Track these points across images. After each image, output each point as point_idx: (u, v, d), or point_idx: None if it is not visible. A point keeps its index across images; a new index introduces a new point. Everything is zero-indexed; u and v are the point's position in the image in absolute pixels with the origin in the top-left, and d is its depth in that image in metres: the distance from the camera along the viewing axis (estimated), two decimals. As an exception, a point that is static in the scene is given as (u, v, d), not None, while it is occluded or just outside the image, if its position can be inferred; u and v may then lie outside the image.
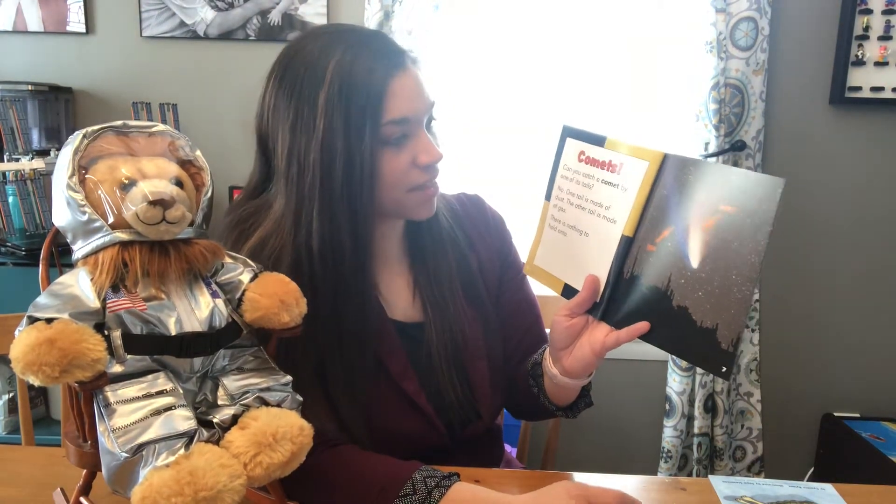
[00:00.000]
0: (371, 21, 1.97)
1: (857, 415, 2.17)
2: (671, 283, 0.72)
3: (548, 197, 0.87)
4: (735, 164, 2.02)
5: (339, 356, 0.87)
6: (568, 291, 0.85)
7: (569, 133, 0.84)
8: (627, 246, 0.76)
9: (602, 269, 0.79)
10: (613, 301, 0.78)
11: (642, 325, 0.75)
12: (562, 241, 0.84)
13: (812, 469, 2.21)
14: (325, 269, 0.84)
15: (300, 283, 0.72)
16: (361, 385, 0.89)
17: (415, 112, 0.85)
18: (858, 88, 2.02)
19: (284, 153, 0.84)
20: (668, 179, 0.73)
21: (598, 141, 0.81)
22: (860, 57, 2.01)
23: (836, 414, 2.17)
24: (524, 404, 1.04)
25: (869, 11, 1.99)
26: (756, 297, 2.09)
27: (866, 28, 2.00)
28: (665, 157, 0.74)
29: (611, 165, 0.78)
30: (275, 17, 2.11)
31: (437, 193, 0.92)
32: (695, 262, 0.70)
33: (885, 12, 1.99)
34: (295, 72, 0.84)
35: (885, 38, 2.00)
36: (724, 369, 0.68)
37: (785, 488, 0.90)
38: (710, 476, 0.93)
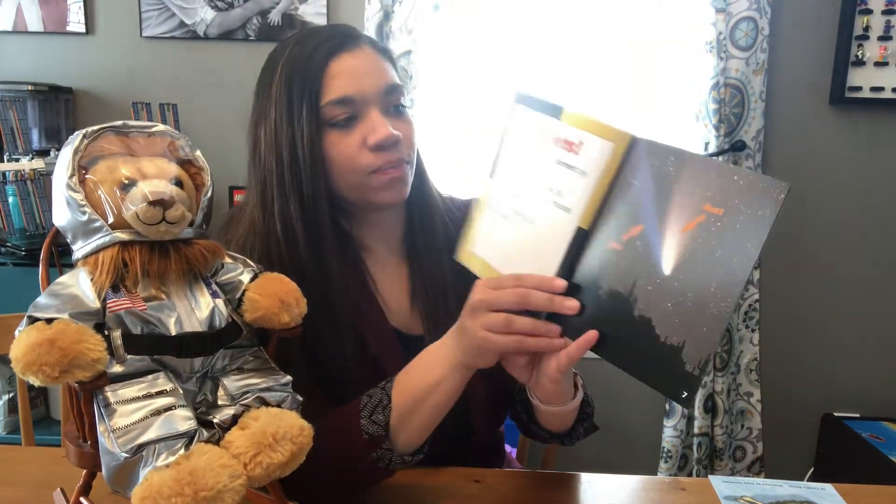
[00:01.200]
0: (371, 21, 1.97)
1: (857, 415, 2.17)
2: (636, 290, 0.62)
3: (491, 174, 0.75)
4: (735, 164, 2.02)
5: (325, 349, 0.86)
6: None
7: (521, 100, 0.71)
8: (583, 240, 0.65)
9: (550, 264, 0.67)
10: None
11: (591, 335, 0.65)
12: (503, 227, 0.72)
13: (812, 469, 2.21)
14: (290, 255, 0.85)
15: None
16: (347, 379, 0.87)
17: (358, 91, 0.84)
18: (858, 88, 2.02)
19: (250, 146, 0.89)
20: (639, 167, 0.62)
21: (554, 111, 0.68)
22: (860, 57, 2.01)
23: (836, 414, 2.17)
24: (522, 429, 0.99)
25: (869, 11, 2.00)
26: (756, 297, 2.09)
27: (866, 28, 2.00)
28: (633, 141, 0.63)
29: (567, 143, 0.66)
30: (275, 17, 2.11)
31: (403, 176, 0.87)
32: (668, 268, 0.60)
33: (885, 12, 1.99)
34: (262, 72, 0.89)
35: (885, 38, 2.00)
36: (685, 394, 0.60)
37: (785, 488, 0.90)
38: (710, 476, 0.93)
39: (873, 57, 2.01)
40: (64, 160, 0.62)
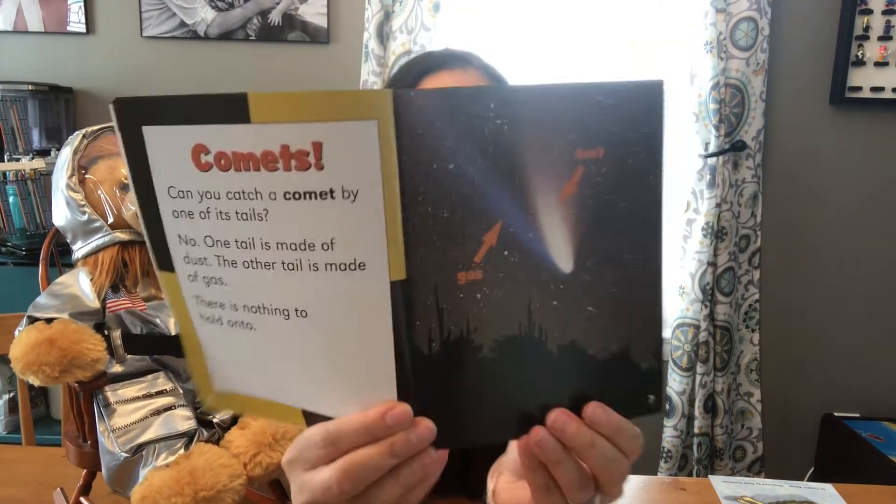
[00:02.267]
0: (371, 21, 1.97)
1: (857, 415, 2.17)
2: (534, 317, 0.40)
3: (166, 266, 0.41)
4: (735, 164, 2.02)
5: None
6: (314, 419, 0.41)
7: (137, 116, 0.36)
8: (408, 296, 0.37)
9: (379, 361, 0.38)
10: (429, 405, 0.39)
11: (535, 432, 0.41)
12: (247, 341, 0.40)
13: (812, 469, 2.21)
14: None
15: None
16: None
17: None
18: (858, 88, 2.02)
19: None
20: (438, 137, 0.36)
21: (234, 114, 0.34)
22: (860, 57, 2.01)
23: (836, 414, 2.17)
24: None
25: (869, 11, 1.99)
26: (756, 297, 2.09)
27: (866, 28, 2.00)
28: (399, 99, 0.35)
29: (292, 156, 0.35)
30: (275, 17, 2.11)
31: None
32: (566, 263, 0.40)
33: (885, 12, 1.99)
34: None
35: (885, 38, 2.00)
36: (652, 398, 0.44)
37: (785, 488, 0.90)
38: (710, 476, 0.93)
39: (873, 57, 2.01)
40: (63, 160, 0.62)
